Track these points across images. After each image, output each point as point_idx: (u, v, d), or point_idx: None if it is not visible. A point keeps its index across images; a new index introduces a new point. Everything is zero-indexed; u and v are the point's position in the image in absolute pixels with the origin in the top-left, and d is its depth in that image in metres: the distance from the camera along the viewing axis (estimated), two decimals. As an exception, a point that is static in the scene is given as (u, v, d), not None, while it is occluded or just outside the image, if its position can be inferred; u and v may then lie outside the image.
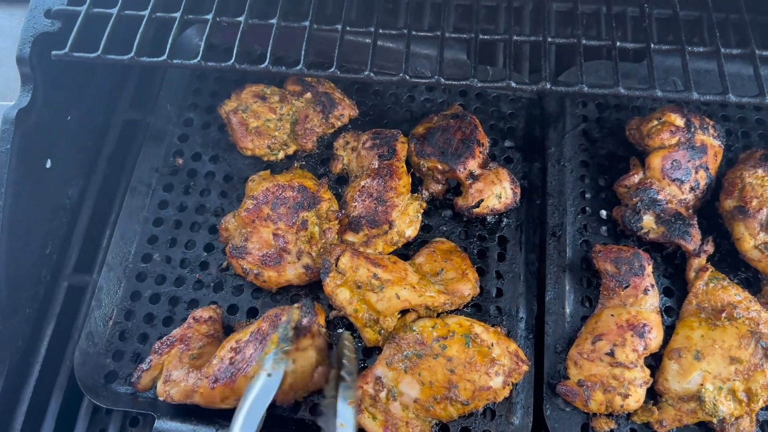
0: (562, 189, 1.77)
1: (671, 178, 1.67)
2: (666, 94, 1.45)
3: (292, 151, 1.83)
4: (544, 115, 1.92)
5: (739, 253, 1.63)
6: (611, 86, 1.45)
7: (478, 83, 1.46)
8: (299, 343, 1.46)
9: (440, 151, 1.73)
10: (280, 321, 1.49)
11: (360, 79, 1.49)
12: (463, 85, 1.47)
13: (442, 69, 1.49)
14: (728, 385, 1.45)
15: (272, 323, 1.49)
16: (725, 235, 1.69)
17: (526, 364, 1.49)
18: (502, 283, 1.68)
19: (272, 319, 1.50)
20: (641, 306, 1.55)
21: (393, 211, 1.66)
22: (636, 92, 1.48)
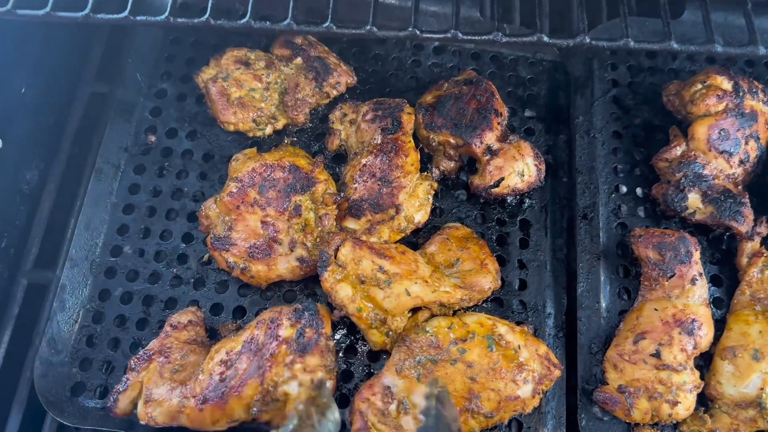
0: (592, 164, 1.55)
1: (719, 150, 1.45)
2: (727, 49, 1.22)
3: (281, 126, 1.59)
4: (568, 80, 1.69)
5: (797, 235, 1.42)
6: (661, 40, 1.22)
7: (503, 38, 1.23)
8: (306, 362, 1.25)
9: (453, 123, 1.49)
10: (278, 328, 1.26)
11: (360, 36, 1.26)
12: (485, 40, 1.24)
13: (458, 22, 1.25)
14: (791, 384, 1.25)
15: (268, 330, 1.27)
16: (781, 214, 1.49)
17: (558, 368, 1.28)
18: (525, 273, 1.47)
19: (268, 326, 1.28)
20: (688, 298, 1.34)
21: (400, 193, 1.43)
22: (691, 47, 1.25)
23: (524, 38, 1.33)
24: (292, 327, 1.28)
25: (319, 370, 1.26)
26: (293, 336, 1.27)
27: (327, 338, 1.31)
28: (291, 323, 1.29)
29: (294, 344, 1.26)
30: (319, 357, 1.27)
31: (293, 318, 1.29)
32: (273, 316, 1.30)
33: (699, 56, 1.69)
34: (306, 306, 1.32)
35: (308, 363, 1.25)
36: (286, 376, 1.23)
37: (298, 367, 1.24)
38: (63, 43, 1.68)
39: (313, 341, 1.27)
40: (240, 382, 1.23)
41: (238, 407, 1.21)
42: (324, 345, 1.29)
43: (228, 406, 1.21)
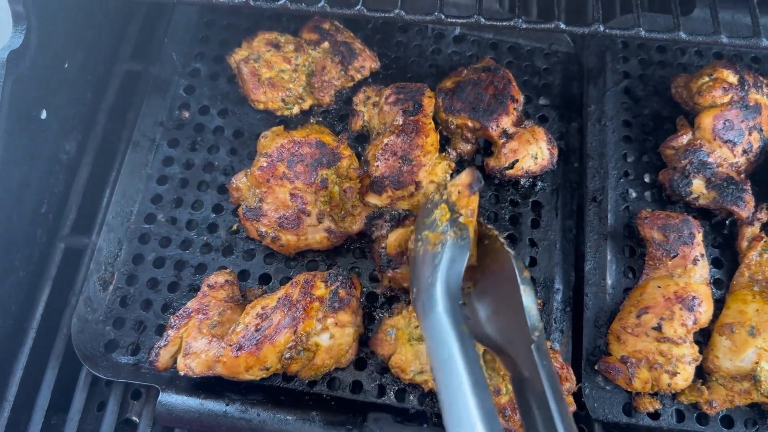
0: (603, 151, 1.63)
1: (723, 140, 1.52)
2: (732, 40, 1.30)
3: (307, 106, 1.67)
4: (582, 71, 1.77)
5: (796, 221, 1.50)
6: (671, 30, 1.30)
7: (523, 24, 1.31)
8: (338, 317, 1.34)
9: (471, 107, 1.58)
10: (312, 288, 1.35)
11: (389, 20, 1.34)
12: (506, 26, 1.32)
13: (482, 9, 1.34)
14: (788, 362, 1.33)
15: (303, 289, 1.36)
16: (780, 202, 1.56)
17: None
18: (536, 251, 1.55)
19: (303, 285, 1.37)
20: (690, 277, 1.41)
21: (420, 171, 1.51)
22: (699, 38, 1.33)
23: (543, 25, 1.41)
24: (326, 288, 1.37)
25: (349, 326, 1.35)
26: (327, 295, 1.36)
27: (358, 300, 1.40)
28: (325, 285, 1.38)
29: (327, 302, 1.35)
30: (351, 314, 1.36)
31: (328, 280, 1.38)
32: (308, 278, 1.39)
33: (707, 52, 1.77)
34: (340, 272, 1.41)
35: (340, 318, 1.35)
36: (318, 328, 1.33)
37: (331, 321, 1.34)
38: (102, 23, 1.77)
39: (346, 301, 1.36)
40: (274, 331, 1.31)
41: (271, 354, 1.30)
42: (355, 305, 1.38)
43: (262, 353, 1.29)
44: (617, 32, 1.34)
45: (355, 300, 1.39)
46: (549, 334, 1.45)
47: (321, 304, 1.35)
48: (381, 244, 1.46)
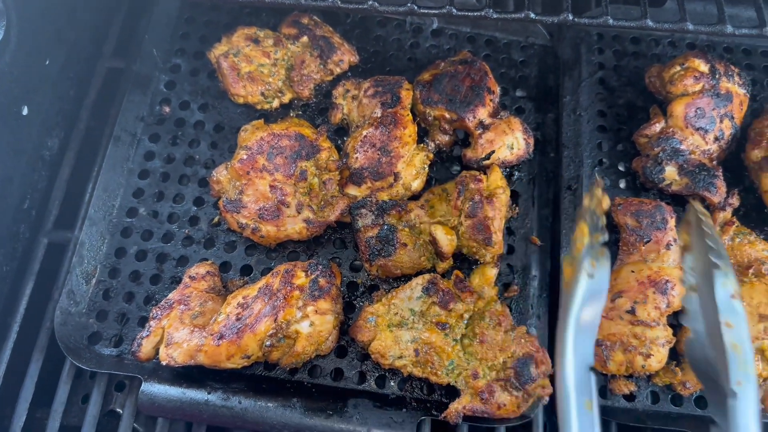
0: (578, 140, 1.66)
1: (695, 127, 1.56)
2: (698, 27, 1.33)
3: (287, 100, 1.70)
4: (558, 63, 1.80)
5: (766, 206, 1.53)
6: (638, 18, 1.33)
7: (494, 14, 1.34)
8: (318, 305, 1.36)
9: (448, 99, 1.60)
10: (293, 278, 1.37)
11: (362, 12, 1.36)
12: (478, 16, 1.34)
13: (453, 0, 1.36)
14: (757, 345, 1.36)
15: (284, 279, 1.38)
16: (751, 188, 1.60)
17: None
18: (514, 239, 1.57)
19: (283, 275, 1.39)
20: (663, 261, 1.44)
21: (398, 162, 1.54)
22: (666, 25, 1.36)
23: (513, 15, 1.45)
24: (306, 277, 1.39)
25: (329, 313, 1.37)
26: (307, 284, 1.38)
27: (338, 288, 1.42)
28: (306, 274, 1.40)
29: (307, 291, 1.37)
30: (330, 302, 1.38)
31: (308, 270, 1.41)
32: (288, 268, 1.41)
33: (681, 42, 1.81)
34: (320, 261, 1.44)
35: (320, 306, 1.37)
36: (298, 316, 1.35)
37: (311, 309, 1.36)
38: (84, 20, 1.79)
39: (325, 289, 1.39)
40: (255, 320, 1.33)
41: (252, 342, 1.32)
42: (335, 293, 1.41)
43: (242, 341, 1.31)
44: (585, 21, 1.37)
45: (335, 288, 1.41)
46: (526, 320, 1.48)
47: (301, 292, 1.37)
48: (366, 234, 1.48)
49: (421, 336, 1.37)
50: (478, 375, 1.34)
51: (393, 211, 1.49)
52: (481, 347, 1.36)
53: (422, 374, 1.37)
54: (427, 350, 1.36)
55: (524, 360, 1.33)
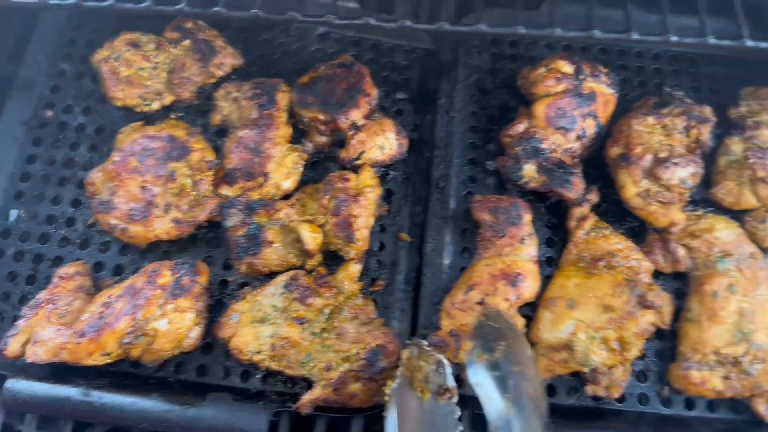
0: (449, 140, 1.71)
1: (556, 126, 1.62)
2: (566, 32, 1.38)
3: (168, 102, 1.74)
4: (439, 66, 1.86)
5: (622, 201, 1.59)
6: (510, 25, 1.38)
7: (374, 22, 1.39)
8: (178, 303, 1.40)
9: (322, 101, 1.65)
10: (157, 277, 1.42)
11: (247, 18, 1.40)
12: (356, 24, 1.40)
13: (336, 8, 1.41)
14: (601, 334, 1.42)
15: (149, 278, 1.42)
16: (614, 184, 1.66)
17: None
18: (385, 236, 1.63)
19: (149, 274, 1.43)
20: (517, 255, 1.50)
21: (269, 163, 1.59)
22: (536, 31, 1.41)
23: (390, 24, 1.49)
24: (171, 276, 1.44)
25: (189, 311, 1.42)
26: (170, 283, 1.42)
27: (202, 287, 1.47)
28: (171, 273, 1.44)
29: (170, 289, 1.41)
30: (191, 300, 1.42)
31: (174, 269, 1.45)
32: (155, 267, 1.45)
33: (557, 45, 1.87)
34: (187, 260, 1.48)
35: (179, 304, 1.41)
36: (158, 314, 1.39)
37: (170, 307, 1.40)
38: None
39: (187, 287, 1.43)
40: (115, 318, 1.37)
41: (111, 340, 1.36)
42: (197, 291, 1.45)
43: (102, 339, 1.35)
44: (461, 28, 1.41)
45: (198, 286, 1.45)
46: (390, 313, 1.53)
47: (164, 291, 1.41)
48: (235, 233, 1.52)
49: (280, 331, 1.42)
50: (331, 366, 1.38)
51: (261, 210, 1.53)
52: (336, 340, 1.41)
53: (279, 368, 1.41)
54: (284, 344, 1.40)
55: (375, 351, 1.38)
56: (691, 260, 1.53)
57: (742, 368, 1.40)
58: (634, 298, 1.43)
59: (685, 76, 1.83)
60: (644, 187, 1.56)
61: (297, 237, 1.51)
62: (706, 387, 1.41)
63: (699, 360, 1.43)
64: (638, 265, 1.51)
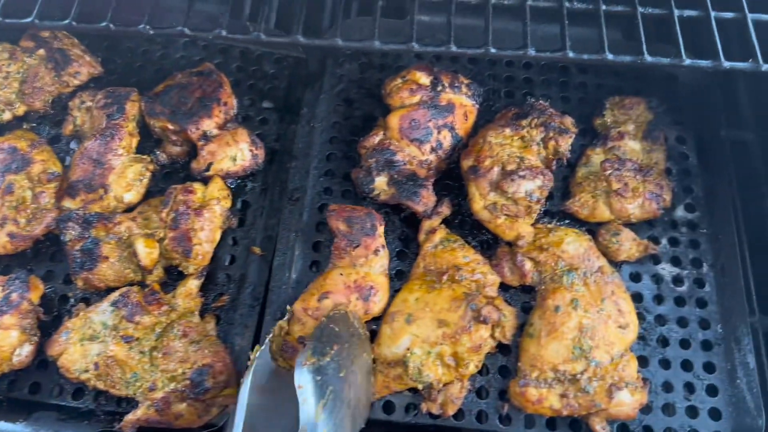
0: (308, 151, 1.69)
1: (410, 138, 1.60)
2: (423, 47, 1.34)
3: (21, 112, 1.69)
4: (308, 75, 1.83)
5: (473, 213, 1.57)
6: (367, 39, 1.35)
7: (225, 33, 1.35)
8: (2, 321, 1.37)
9: (171, 110, 1.62)
10: None
11: (135, 34, 1.37)
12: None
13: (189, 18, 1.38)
14: (436, 350, 1.39)
15: None
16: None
17: None
18: (236, 250, 1.59)
19: None
20: (371, 267, 1.48)
21: (110, 174, 1.55)
22: (391, 45, 1.37)
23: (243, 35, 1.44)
24: (2, 292, 1.39)
25: (14, 328, 1.38)
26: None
27: (30, 303, 1.43)
28: (2, 289, 1.40)
29: None
30: (17, 317, 1.39)
31: (5, 285, 1.41)
32: None
33: (426, 55, 1.85)
34: (18, 275, 1.44)
35: (3, 322, 1.38)
36: None
37: None
38: None
39: (14, 304, 1.39)
40: None
41: None
42: (25, 308, 1.41)
43: None
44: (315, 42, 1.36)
45: (26, 303, 1.41)
46: (232, 330, 1.49)
47: (-9, 308, 1.37)
48: (73, 247, 1.48)
49: (108, 349, 1.38)
50: (155, 387, 1.35)
51: (99, 223, 1.49)
52: (164, 359, 1.37)
53: (105, 387, 1.37)
54: (110, 363, 1.37)
55: (200, 370, 1.35)
56: (538, 274, 1.52)
57: (579, 386, 1.38)
58: (470, 312, 1.40)
59: (554, 85, 1.82)
60: (492, 199, 1.54)
61: (134, 251, 1.47)
62: (543, 405, 1.39)
63: (537, 377, 1.41)
64: (484, 279, 1.49)
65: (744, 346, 1.47)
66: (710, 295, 1.53)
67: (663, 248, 1.58)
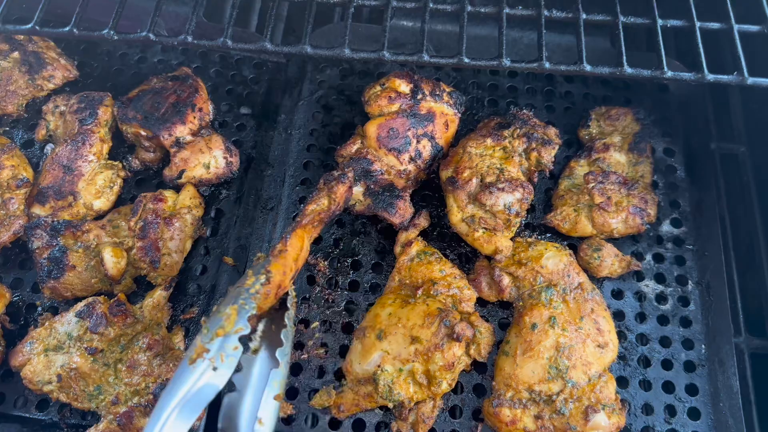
0: (284, 159, 1.65)
1: (388, 148, 1.55)
2: (396, 56, 1.30)
3: (-7, 116, 1.67)
4: (287, 81, 1.79)
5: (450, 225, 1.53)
6: (337, 47, 1.31)
7: (191, 39, 1.32)
8: None
9: (144, 116, 1.58)
10: None
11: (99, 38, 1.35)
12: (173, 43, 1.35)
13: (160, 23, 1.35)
14: (408, 367, 1.35)
15: None
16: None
17: None
18: (208, 259, 1.56)
19: None
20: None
21: (79, 181, 1.52)
22: (362, 54, 1.34)
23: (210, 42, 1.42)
24: None
25: None
26: None
27: None
28: None
29: None
30: None
31: None
32: None
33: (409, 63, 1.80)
34: None
35: None
36: None
37: None
38: None
39: None
40: None
41: None
42: None
43: None
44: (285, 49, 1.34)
45: None
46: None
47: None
48: (41, 255, 1.45)
49: (71, 361, 1.35)
50: (118, 400, 1.31)
51: (67, 231, 1.46)
52: (128, 372, 1.34)
53: (67, 400, 1.34)
54: (73, 375, 1.33)
55: (163, 385, 1.31)
56: (516, 289, 1.47)
57: (555, 407, 1.34)
58: (443, 329, 1.36)
59: (539, 94, 1.77)
60: (469, 212, 1.49)
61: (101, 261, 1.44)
62: (517, 426, 1.34)
63: (511, 397, 1.36)
64: (460, 294, 1.45)
65: (728, 368, 1.42)
66: (695, 314, 1.48)
67: (647, 264, 1.53)
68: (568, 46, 1.77)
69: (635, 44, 1.87)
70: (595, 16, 1.30)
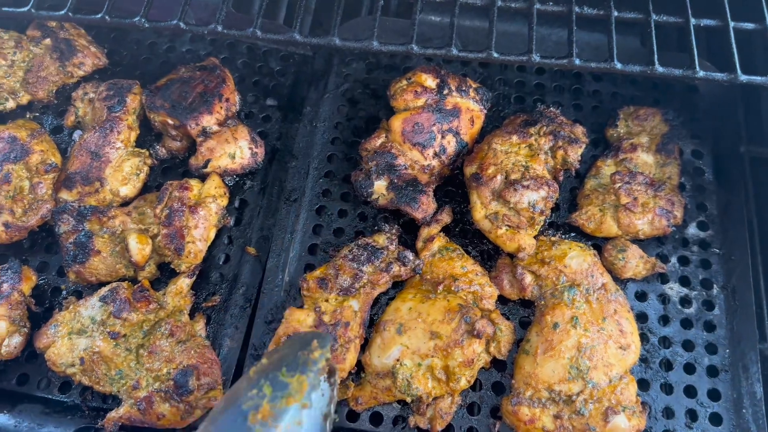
0: (308, 151, 1.65)
1: (413, 143, 1.55)
2: (424, 50, 1.30)
3: (25, 101, 1.69)
4: (313, 73, 1.79)
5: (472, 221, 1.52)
6: (366, 39, 1.31)
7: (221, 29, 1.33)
8: None
9: (171, 105, 1.59)
10: None
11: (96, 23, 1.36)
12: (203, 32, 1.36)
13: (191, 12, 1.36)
14: (427, 362, 1.35)
15: None
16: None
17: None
18: (230, 249, 1.57)
19: None
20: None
21: (106, 167, 1.53)
22: (391, 47, 1.33)
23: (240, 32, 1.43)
24: None
25: (2, 319, 1.38)
26: None
27: (21, 294, 1.42)
28: None
29: None
30: (6, 308, 1.39)
31: None
32: None
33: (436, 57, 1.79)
34: (11, 265, 1.44)
35: None
36: None
37: None
38: None
39: (5, 294, 1.39)
40: None
41: None
42: (16, 299, 1.40)
43: None
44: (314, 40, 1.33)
45: (16, 293, 1.40)
46: (222, 330, 1.47)
47: (-19, 297, 1.37)
48: (67, 239, 1.47)
49: (94, 345, 1.36)
50: (138, 385, 1.33)
51: (93, 216, 1.48)
52: (149, 357, 1.35)
53: (89, 383, 1.36)
54: (95, 359, 1.35)
55: (184, 371, 1.33)
56: (538, 288, 1.46)
57: (574, 408, 1.33)
58: (464, 325, 1.36)
59: (567, 92, 1.75)
60: (493, 209, 1.49)
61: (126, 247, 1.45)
62: (536, 425, 1.33)
63: (531, 396, 1.35)
64: (481, 291, 1.45)
65: (752, 374, 1.40)
66: (719, 319, 1.46)
67: (672, 267, 1.51)
68: (596, 45, 1.75)
69: (666, 44, 1.84)
70: (627, 13, 1.28)
